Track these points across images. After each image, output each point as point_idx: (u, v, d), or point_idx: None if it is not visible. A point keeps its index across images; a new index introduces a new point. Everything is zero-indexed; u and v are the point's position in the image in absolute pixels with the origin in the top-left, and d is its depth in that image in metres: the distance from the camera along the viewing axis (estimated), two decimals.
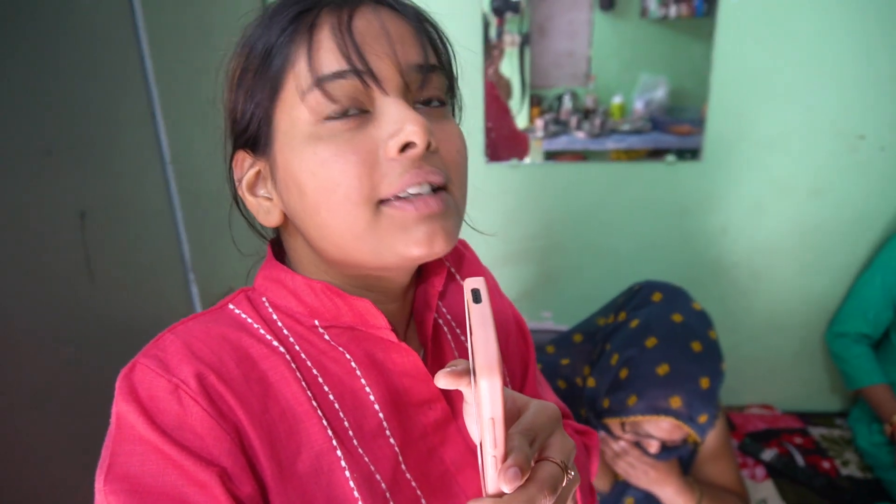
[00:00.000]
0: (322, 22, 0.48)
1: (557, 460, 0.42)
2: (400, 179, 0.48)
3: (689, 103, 1.76)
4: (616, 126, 1.81)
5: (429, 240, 0.49)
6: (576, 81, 1.79)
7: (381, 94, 0.49)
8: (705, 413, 1.08)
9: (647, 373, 1.09)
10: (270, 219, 0.55)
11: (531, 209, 1.91)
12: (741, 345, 1.96)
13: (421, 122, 0.47)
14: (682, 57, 1.72)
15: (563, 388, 1.25)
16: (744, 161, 1.81)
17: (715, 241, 1.90)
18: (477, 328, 0.39)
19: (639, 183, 1.86)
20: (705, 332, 1.13)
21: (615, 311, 1.27)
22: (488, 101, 1.81)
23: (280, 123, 0.50)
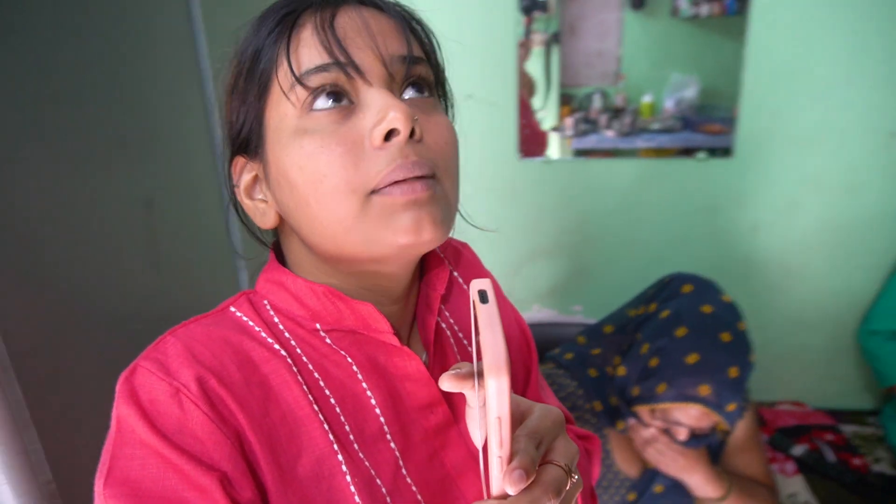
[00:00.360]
0: (304, 21, 0.49)
1: (562, 464, 0.42)
2: (387, 169, 0.47)
3: (720, 102, 1.77)
4: (646, 125, 1.82)
5: (416, 227, 0.48)
6: (606, 80, 1.80)
7: (366, 85, 0.49)
8: (734, 402, 1.10)
9: (677, 361, 1.12)
10: (266, 220, 0.55)
11: (563, 204, 1.94)
12: (772, 341, 1.96)
13: (403, 109, 0.47)
14: (713, 55, 1.73)
15: (594, 376, 1.28)
16: (776, 158, 1.81)
17: (746, 238, 1.91)
18: (484, 328, 0.38)
19: (669, 179, 1.88)
20: (735, 324, 1.15)
21: (645, 302, 1.29)
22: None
23: (270, 121, 0.51)
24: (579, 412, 1.24)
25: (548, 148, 1.87)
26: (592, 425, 1.24)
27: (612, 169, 1.89)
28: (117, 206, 0.81)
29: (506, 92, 1.82)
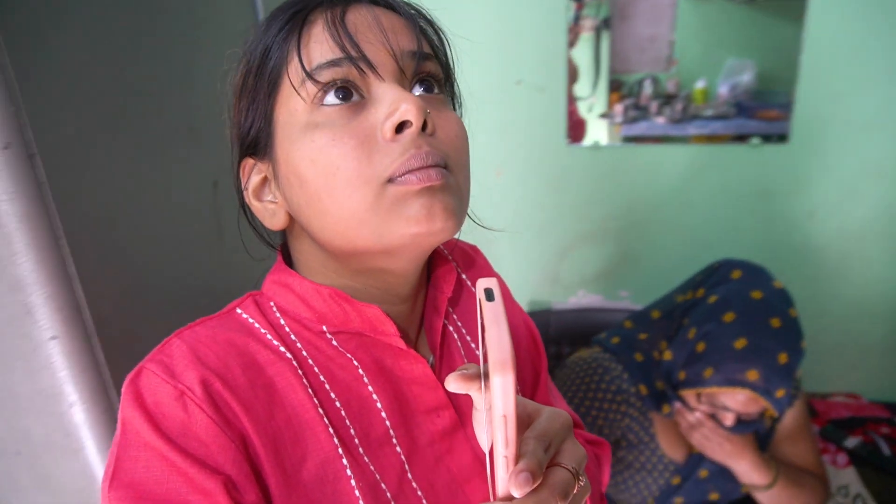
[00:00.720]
0: (315, 18, 0.49)
1: (569, 466, 0.42)
2: (400, 160, 0.47)
3: (777, 87, 1.72)
4: (698, 111, 1.78)
5: (428, 214, 0.47)
6: (657, 66, 1.77)
7: (377, 79, 0.49)
8: (783, 388, 1.09)
9: (725, 346, 1.11)
10: (276, 221, 0.55)
11: (611, 190, 1.93)
12: (827, 331, 1.91)
13: (415, 101, 0.47)
14: (770, 39, 1.68)
15: (640, 360, 1.28)
16: (835, 143, 1.76)
17: (801, 224, 1.86)
18: (490, 326, 0.38)
19: (721, 165, 1.84)
20: (785, 310, 1.13)
21: (693, 287, 1.29)
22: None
23: (279, 119, 0.51)
24: (624, 395, 1.25)
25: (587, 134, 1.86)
26: (638, 409, 1.25)
27: (661, 154, 1.87)
28: (187, 186, 0.86)
29: (555, 78, 1.82)
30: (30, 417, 0.71)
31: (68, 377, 0.68)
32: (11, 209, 0.61)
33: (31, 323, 0.65)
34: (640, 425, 1.25)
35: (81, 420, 0.70)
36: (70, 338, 0.67)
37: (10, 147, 0.60)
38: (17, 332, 0.66)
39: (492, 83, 1.81)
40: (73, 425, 0.70)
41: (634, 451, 1.27)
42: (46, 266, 0.64)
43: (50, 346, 0.66)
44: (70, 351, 0.67)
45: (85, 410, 0.69)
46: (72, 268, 0.66)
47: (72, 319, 0.66)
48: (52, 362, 0.67)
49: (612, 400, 1.25)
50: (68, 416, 0.70)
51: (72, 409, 0.69)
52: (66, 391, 0.68)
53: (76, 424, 0.70)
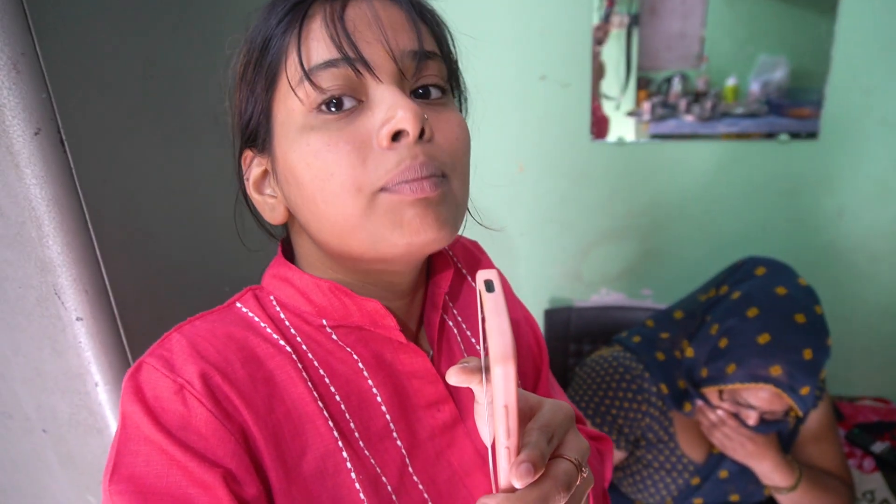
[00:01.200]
0: (314, 12, 0.48)
1: (572, 458, 0.42)
2: (395, 170, 0.47)
3: (810, 85, 1.68)
4: (728, 109, 1.75)
5: (422, 226, 0.47)
6: (687, 63, 1.74)
7: (375, 81, 0.48)
8: (807, 385, 1.07)
9: (748, 341, 1.10)
10: (276, 216, 0.55)
11: (636, 187, 1.91)
12: (855, 333, 1.87)
13: (413, 108, 0.46)
14: (803, 35, 1.64)
15: (662, 360, 1.27)
16: (866, 140, 1.71)
17: (830, 223, 1.82)
18: (490, 316, 0.37)
19: (748, 162, 1.81)
20: (811, 306, 1.11)
21: (716, 285, 1.27)
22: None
23: (277, 115, 0.50)
24: (645, 395, 1.24)
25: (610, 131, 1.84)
26: (658, 408, 1.24)
27: (687, 151, 1.84)
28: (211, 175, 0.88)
29: (580, 73, 1.81)
30: (56, 396, 0.73)
31: (93, 357, 0.70)
32: (41, 193, 0.63)
33: (59, 304, 0.68)
34: (659, 425, 1.24)
35: (105, 400, 0.72)
36: (95, 319, 0.69)
37: (40, 133, 0.62)
38: (47, 312, 0.69)
39: (516, 78, 1.80)
40: (97, 404, 0.72)
41: (654, 451, 1.26)
42: (74, 249, 0.66)
43: (76, 327, 0.68)
44: (95, 332, 0.69)
45: (108, 391, 0.71)
46: (97, 251, 0.68)
47: (97, 301, 0.68)
48: (79, 342, 0.69)
49: (633, 399, 1.24)
50: (93, 396, 0.72)
51: (96, 389, 0.71)
52: (90, 371, 0.70)
53: (100, 403, 0.72)
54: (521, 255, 2.01)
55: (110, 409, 0.73)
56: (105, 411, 0.72)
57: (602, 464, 0.75)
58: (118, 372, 0.72)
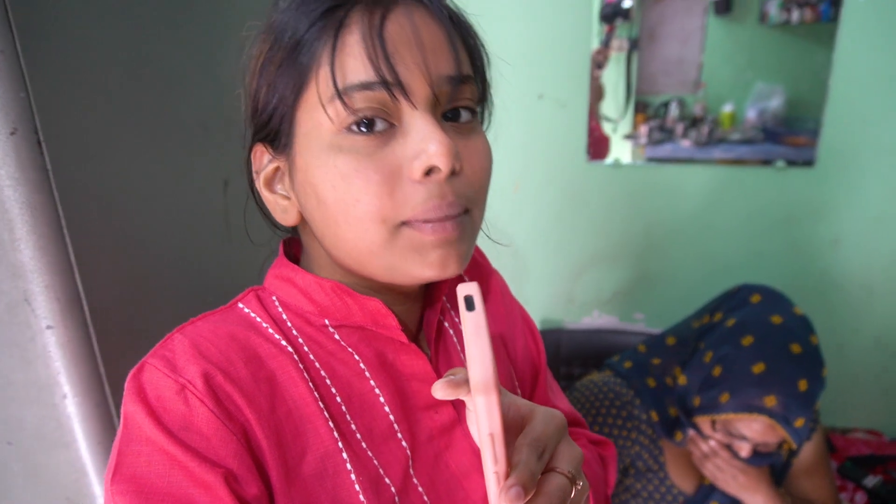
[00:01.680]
0: (352, 22, 0.45)
1: (566, 471, 0.41)
2: (422, 206, 0.46)
3: (806, 114, 1.69)
4: (725, 135, 1.76)
5: (442, 263, 0.48)
6: (684, 89, 1.75)
7: (410, 107, 0.46)
8: (802, 417, 1.04)
9: (742, 370, 1.07)
10: (287, 218, 0.54)
11: (631, 209, 1.90)
12: (850, 364, 1.86)
13: (447, 145, 0.45)
14: (801, 64, 1.65)
15: (653, 386, 1.25)
16: (862, 169, 1.71)
17: (825, 252, 1.81)
18: (470, 340, 0.37)
19: (744, 188, 1.81)
20: (806, 336, 1.09)
21: (710, 312, 1.25)
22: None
23: (302, 124, 0.48)
24: (635, 422, 1.21)
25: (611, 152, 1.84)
26: (648, 436, 1.21)
27: (683, 175, 1.84)
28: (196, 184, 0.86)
29: (577, 93, 1.81)
30: (23, 407, 0.70)
31: (62, 368, 0.67)
32: (15, 195, 0.61)
33: (29, 311, 0.65)
34: (649, 453, 1.22)
35: (73, 412, 0.69)
36: (66, 328, 0.66)
37: (16, 133, 0.60)
38: (16, 319, 0.66)
39: (513, 96, 1.80)
40: (65, 417, 0.69)
41: (643, 480, 1.23)
42: (47, 254, 0.64)
43: (46, 336, 0.66)
44: (65, 342, 0.66)
45: (77, 403, 0.69)
46: (71, 257, 0.65)
47: (69, 310, 0.66)
48: (48, 352, 0.67)
49: (623, 426, 1.21)
50: (61, 408, 0.69)
51: (65, 401, 0.69)
52: (59, 382, 0.68)
53: (68, 416, 0.69)
54: (513, 275, 1.99)
55: (79, 422, 0.70)
56: (73, 424, 0.69)
57: (605, 469, 0.74)
58: (88, 383, 0.69)
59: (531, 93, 1.82)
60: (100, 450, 0.72)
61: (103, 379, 0.71)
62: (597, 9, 1.73)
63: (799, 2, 1.61)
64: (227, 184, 0.90)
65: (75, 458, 0.71)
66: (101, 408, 0.71)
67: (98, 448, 0.71)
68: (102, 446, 0.72)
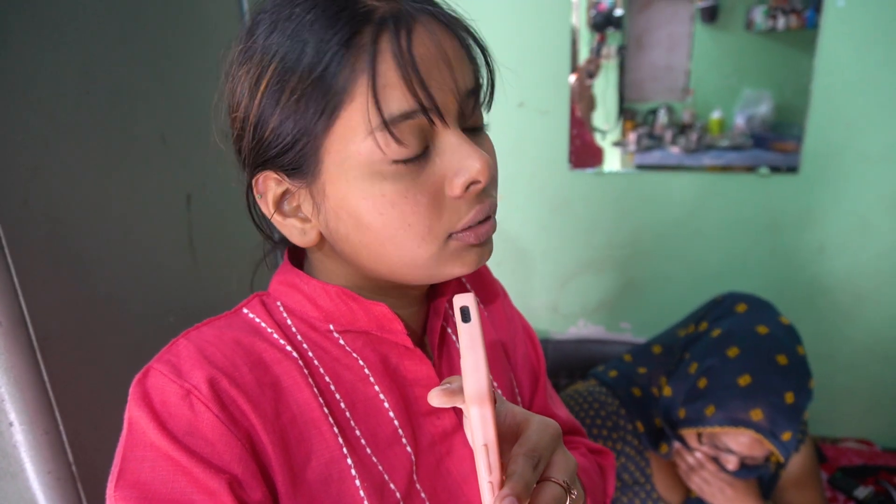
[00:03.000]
0: (383, 49, 0.44)
1: (560, 480, 0.42)
2: (468, 215, 0.49)
3: (794, 119, 1.68)
4: (714, 142, 1.75)
5: (477, 260, 0.51)
6: (672, 95, 1.74)
7: (443, 126, 0.47)
8: (789, 430, 1.02)
9: (728, 383, 1.05)
10: (306, 240, 0.52)
11: (615, 217, 1.88)
12: (839, 373, 1.83)
13: (484, 160, 0.47)
14: (788, 70, 1.65)
15: (638, 396, 1.23)
16: (847, 175, 1.70)
17: (811, 259, 1.80)
18: (465, 352, 0.38)
19: (729, 195, 1.79)
20: (793, 347, 1.07)
21: (696, 321, 1.23)
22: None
23: (332, 155, 0.47)
24: (621, 433, 1.19)
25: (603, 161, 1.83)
26: (634, 447, 1.19)
27: (667, 183, 1.82)
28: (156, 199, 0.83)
29: (558, 101, 1.79)
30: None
31: (7, 395, 0.64)
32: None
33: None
34: (635, 465, 1.19)
35: (20, 441, 0.66)
36: (10, 354, 0.63)
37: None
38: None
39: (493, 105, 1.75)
40: (11, 446, 0.66)
41: (629, 493, 1.20)
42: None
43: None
44: (9, 367, 0.63)
45: (24, 431, 0.66)
46: (14, 279, 0.62)
47: (12, 335, 0.63)
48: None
49: (608, 437, 1.19)
50: (7, 436, 0.66)
51: (11, 429, 0.65)
52: (5, 409, 0.65)
53: (14, 445, 0.66)
54: None
55: (26, 451, 0.67)
56: (20, 453, 0.66)
57: (603, 479, 0.74)
58: (35, 412, 0.66)
59: (512, 101, 1.80)
60: (49, 479, 0.68)
61: (53, 406, 0.68)
62: (578, 17, 1.72)
63: (784, 9, 1.60)
64: (189, 198, 0.87)
65: (24, 488, 0.68)
66: (50, 435, 0.68)
67: (48, 477, 0.68)
68: (53, 475, 0.69)
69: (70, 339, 0.69)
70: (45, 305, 0.66)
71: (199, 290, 0.91)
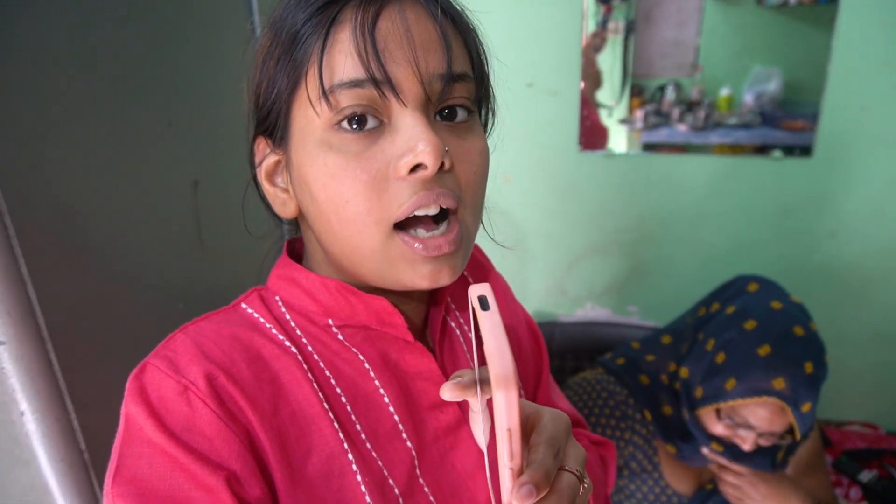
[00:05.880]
0: (344, 19, 0.45)
1: (574, 470, 0.42)
2: (409, 201, 0.46)
3: (804, 97, 1.65)
4: (722, 119, 1.72)
5: (434, 276, 0.49)
6: (681, 72, 1.71)
7: (399, 105, 0.46)
8: (809, 401, 1.01)
9: (748, 353, 1.04)
10: (286, 211, 0.54)
11: (624, 200, 1.86)
12: (847, 356, 1.83)
13: (433, 142, 0.45)
14: (799, 47, 1.61)
15: (646, 383, 1.22)
16: (861, 159, 1.67)
17: (822, 243, 1.78)
18: (488, 338, 0.38)
19: (740, 179, 1.77)
20: (806, 322, 1.07)
21: (706, 304, 1.22)
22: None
23: (296, 120, 0.48)
24: (629, 421, 1.19)
25: (609, 141, 1.81)
26: (642, 436, 1.19)
27: (677, 165, 1.80)
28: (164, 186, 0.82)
29: (568, 81, 1.76)
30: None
31: (18, 385, 0.64)
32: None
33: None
34: (643, 454, 1.19)
35: (32, 429, 0.66)
36: (20, 342, 0.63)
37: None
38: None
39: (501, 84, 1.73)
40: (23, 434, 0.66)
41: (637, 481, 1.21)
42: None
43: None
44: (20, 357, 0.63)
45: (36, 420, 0.65)
46: (23, 269, 0.61)
47: (22, 324, 0.62)
48: (3, 368, 0.63)
49: (616, 427, 1.19)
50: (19, 425, 0.66)
51: (23, 418, 0.65)
52: (16, 399, 0.65)
53: (27, 434, 0.66)
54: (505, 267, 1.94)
55: (38, 440, 0.66)
56: (32, 442, 0.66)
57: (605, 470, 0.75)
58: (47, 400, 0.66)
59: (521, 81, 1.77)
60: (62, 467, 0.68)
61: (64, 394, 0.67)
62: None
63: None
64: (197, 184, 0.86)
65: (36, 475, 0.68)
66: (61, 423, 0.68)
67: (60, 465, 0.68)
68: (65, 463, 0.69)
69: (80, 327, 0.69)
70: (54, 294, 0.65)
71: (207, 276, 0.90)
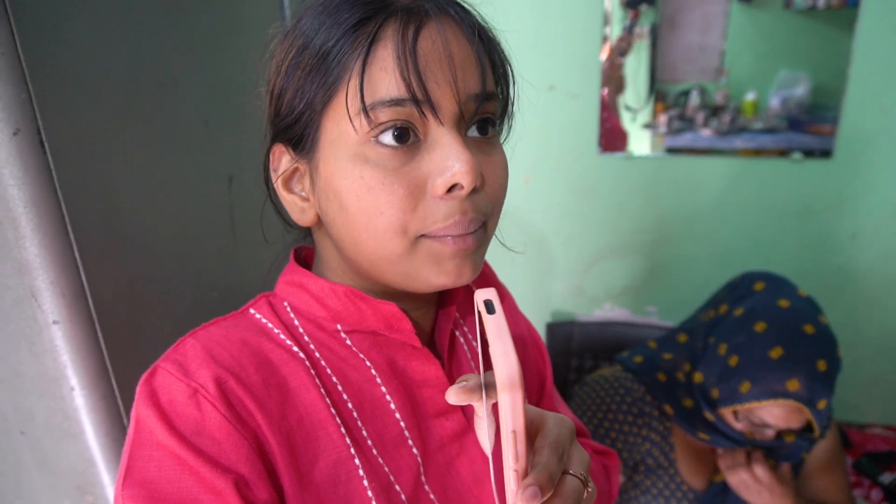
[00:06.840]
0: (385, 36, 0.45)
1: (578, 473, 0.42)
2: (444, 223, 0.47)
3: (832, 102, 1.64)
4: (747, 124, 1.71)
5: (457, 272, 0.50)
6: (706, 76, 1.71)
7: (436, 123, 0.47)
8: (824, 398, 1.02)
9: (760, 357, 1.05)
10: (305, 218, 0.54)
11: (643, 202, 1.87)
12: (868, 359, 1.82)
13: (471, 164, 0.46)
14: (826, 51, 1.60)
15: (664, 380, 1.23)
16: (882, 160, 1.66)
17: (842, 246, 1.77)
18: (494, 340, 0.38)
19: (759, 180, 1.77)
20: (816, 317, 1.07)
21: (714, 305, 1.23)
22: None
23: (327, 132, 0.49)
24: (646, 418, 1.20)
25: (629, 144, 1.81)
26: (659, 432, 1.20)
27: (696, 167, 1.81)
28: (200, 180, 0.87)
29: (588, 85, 1.78)
30: (33, 399, 0.72)
31: (69, 362, 0.69)
32: (20, 194, 0.62)
33: (36, 307, 0.67)
34: (660, 450, 1.21)
35: (81, 404, 0.71)
36: (72, 323, 0.68)
37: (19, 133, 0.61)
38: (24, 314, 0.68)
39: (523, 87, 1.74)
40: (72, 409, 0.71)
41: (653, 476, 1.22)
42: (51, 251, 0.65)
43: (53, 330, 0.67)
44: (71, 336, 0.68)
45: (84, 395, 0.70)
46: (76, 254, 0.66)
47: (74, 305, 0.67)
48: (55, 346, 0.68)
49: (633, 423, 1.20)
50: (69, 400, 0.71)
51: (72, 393, 0.70)
52: (67, 375, 0.69)
53: (76, 408, 0.71)
54: (524, 267, 1.98)
55: (86, 414, 0.71)
56: (81, 416, 0.71)
57: (608, 479, 0.74)
58: (95, 377, 0.70)
59: (542, 83, 1.80)
60: (107, 441, 0.73)
61: (110, 372, 0.72)
62: None
63: None
64: (231, 180, 0.91)
65: (83, 448, 0.73)
66: (107, 400, 0.73)
67: (105, 439, 0.73)
68: (110, 437, 0.74)
69: (124, 311, 0.74)
70: (102, 279, 0.70)
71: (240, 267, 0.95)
